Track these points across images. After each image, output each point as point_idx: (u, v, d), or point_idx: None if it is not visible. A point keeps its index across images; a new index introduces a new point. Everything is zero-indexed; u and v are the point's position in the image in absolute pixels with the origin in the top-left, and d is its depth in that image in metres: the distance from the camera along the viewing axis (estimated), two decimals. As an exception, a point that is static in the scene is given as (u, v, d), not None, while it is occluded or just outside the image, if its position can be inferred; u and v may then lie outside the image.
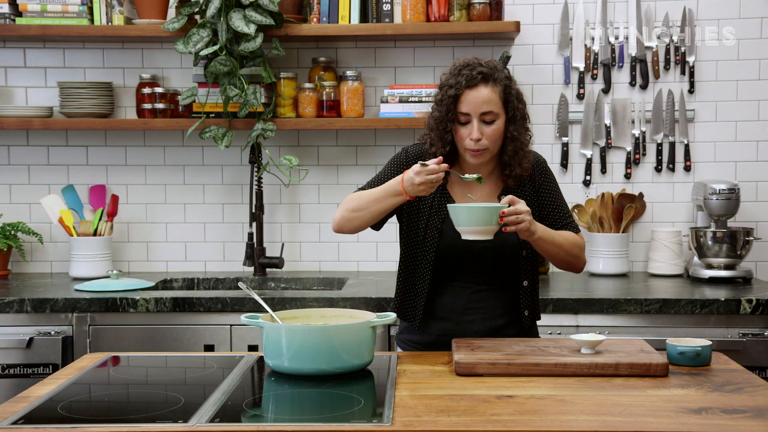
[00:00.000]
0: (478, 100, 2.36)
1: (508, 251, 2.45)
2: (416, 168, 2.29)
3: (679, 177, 3.74)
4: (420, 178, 2.28)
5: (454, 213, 2.32)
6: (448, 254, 2.45)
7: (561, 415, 1.84)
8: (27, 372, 3.14)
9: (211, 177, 3.82)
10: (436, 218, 2.46)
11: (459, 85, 2.37)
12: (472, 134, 2.37)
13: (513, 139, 2.42)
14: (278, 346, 2.13)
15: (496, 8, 3.55)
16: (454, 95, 2.38)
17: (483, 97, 2.37)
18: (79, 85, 3.65)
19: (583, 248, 2.53)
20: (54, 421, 1.83)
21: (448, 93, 2.39)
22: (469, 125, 2.38)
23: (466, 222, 2.29)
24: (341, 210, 2.47)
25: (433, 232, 2.46)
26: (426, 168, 2.28)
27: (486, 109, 2.37)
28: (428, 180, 2.29)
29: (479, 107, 2.36)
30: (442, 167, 2.29)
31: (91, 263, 3.62)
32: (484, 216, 2.28)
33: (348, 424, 1.77)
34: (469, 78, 2.37)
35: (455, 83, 2.38)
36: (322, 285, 3.64)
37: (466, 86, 2.37)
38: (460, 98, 2.38)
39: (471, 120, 2.37)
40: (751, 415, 1.84)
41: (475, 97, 2.36)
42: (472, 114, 2.37)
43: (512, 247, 2.45)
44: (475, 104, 2.36)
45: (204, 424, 1.78)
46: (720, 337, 3.05)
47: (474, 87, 2.37)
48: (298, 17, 3.58)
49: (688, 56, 3.69)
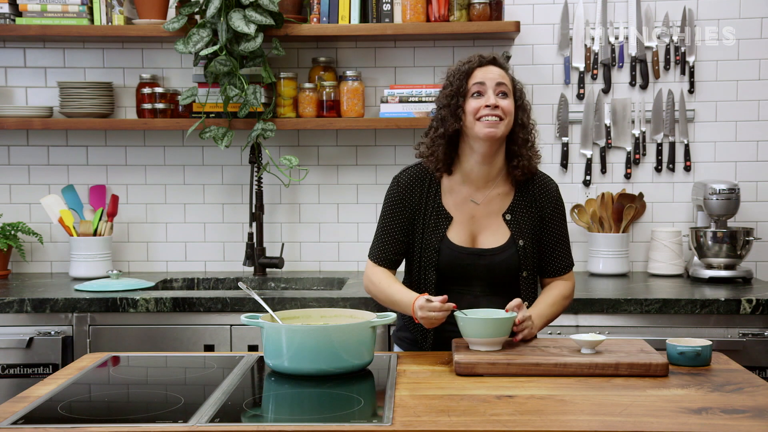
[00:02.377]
0: (492, 74, 2.40)
1: (506, 269, 2.45)
2: (421, 302, 2.28)
3: (679, 177, 3.74)
4: (422, 313, 2.29)
5: (463, 324, 2.25)
6: (449, 269, 2.46)
7: (561, 415, 1.84)
8: (27, 372, 3.14)
9: (211, 177, 3.82)
10: (434, 237, 2.46)
11: (472, 63, 2.42)
12: (489, 100, 2.37)
13: (523, 125, 2.44)
14: (278, 346, 2.13)
15: (496, 8, 3.55)
16: (467, 70, 2.41)
17: (496, 72, 2.41)
18: (79, 85, 3.65)
19: (572, 291, 2.55)
20: (54, 421, 1.83)
21: (460, 69, 2.42)
22: (483, 97, 2.38)
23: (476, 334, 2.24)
24: (366, 282, 2.53)
25: (432, 252, 2.46)
26: (428, 305, 2.27)
27: (501, 80, 2.40)
28: (428, 317, 2.28)
29: (494, 78, 2.40)
30: (447, 306, 2.26)
31: (91, 263, 3.61)
32: (497, 328, 2.23)
33: (348, 424, 1.77)
34: (481, 58, 2.43)
35: (468, 62, 2.43)
36: (322, 285, 3.64)
37: (479, 64, 2.42)
38: (473, 73, 2.41)
39: (485, 90, 2.38)
40: (751, 415, 1.84)
41: (487, 72, 2.41)
42: (488, 83, 2.39)
43: (511, 266, 2.45)
44: (491, 76, 2.40)
45: (204, 424, 1.78)
46: (720, 337, 3.05)
47: (486, 65, 2.42)
48: (298, 17, 3.58)
49: (688, 56, 3.69)
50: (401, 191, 2.49)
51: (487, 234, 2.47)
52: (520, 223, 2.47)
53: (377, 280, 2.48)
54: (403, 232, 2.48)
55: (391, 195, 2.51)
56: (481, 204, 2.47)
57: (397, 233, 2.48)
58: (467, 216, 2.47)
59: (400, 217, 2.48)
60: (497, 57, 2.44)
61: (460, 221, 2.47)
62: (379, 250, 2.50)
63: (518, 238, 2.46)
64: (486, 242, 2.46)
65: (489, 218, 2.47)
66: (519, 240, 2.45)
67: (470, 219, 2.47)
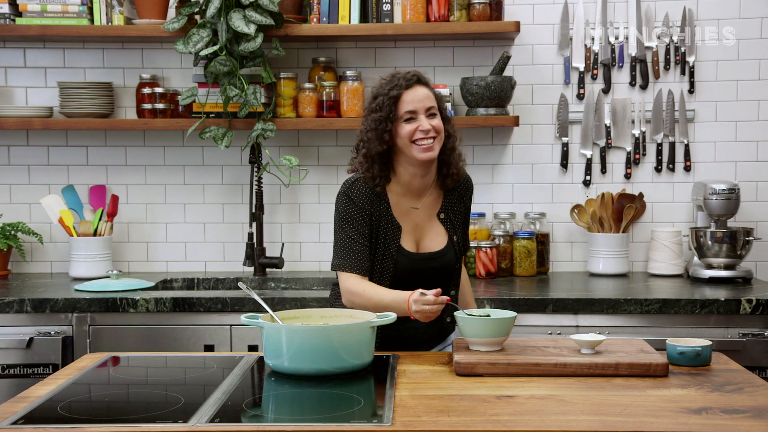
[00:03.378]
0: (420, 96, 2.48)
1: (450, 266, 2.61)
2: (415, 296, 2.32)
3: (679, 177, 3.74)
4: (416, 307, 2.32)
5: (463, 324, 2.27)
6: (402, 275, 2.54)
7: (561, 415, 1.84)
8: (27, 372, 3.14)
9: (211, 177, 3.82)
10: (391, 247, 2.53)
11: (399, 86, 2.47)
12: (422, 125, 2.45)
13: (450, 135, 2.55)
14: (278, 346, 2.14)
15: (496, 8, 3.55)
16: (395, 95, 2.46)
17: (423, 94, 2.49)
18: (79, 85, 3.65)
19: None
20: (54, 421, 1.83)
21: (389, 94, 2.47)
22: (415, 121, 2.46)
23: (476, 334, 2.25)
24: (347, 296, 2.50)
25: (388, 261, 2.52)
26: (422, 299, 2.30)
27: (429, 104, 2.48)
28: (423, 310, 2.31)
29: (423, 102, 2.47)
30: (441, 299, 2.31)
31: (91, 263, 3.61)
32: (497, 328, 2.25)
33: (348, 424, 1.77)
34: (406, 79, 2.49)
35: (394, 86, 2.48)
36: (322, 285, 3.64)
37: (405, 87, 2.47)
38: (401, 98, 2.47)
39: (417, 116, 2.46)
40: (751, 415, 1.84)
41: (416, 95, 2.47)
42: (418, 110, 2.46)
43: (452, 263, 2.60)
44: (419, 100, 2.47)
45: (204, 424, 1.78)
46: (720, 337, 3.05)
47: (412, 87, 2.48)
48: (298, 17, 3.58)
49: (688, 56, 3.69)
50: (357, 203, 2.52)
51: (429, 237, 2.59)
52: (452, 220, 2.63)
53: (360, 289, 2.47)
54: (367, 238, 2.52)
55: (347, 208, 2.53)
56: (421, 209, 2.58)
57: (364, 240, 2.51)
58: (412, 224, 2.57)
59: (363, 226, 2.51)
60: (418, 74, 2.52)
61: (406, 230, 2.56)
62: (353, 259, 2.50)
63: (453, 234, 2.61)
64: (430, 245, 2.59)
65: (429, 222, 2.60)
66: (453, 236, 2.61)
67: (414, 226, 2.57)
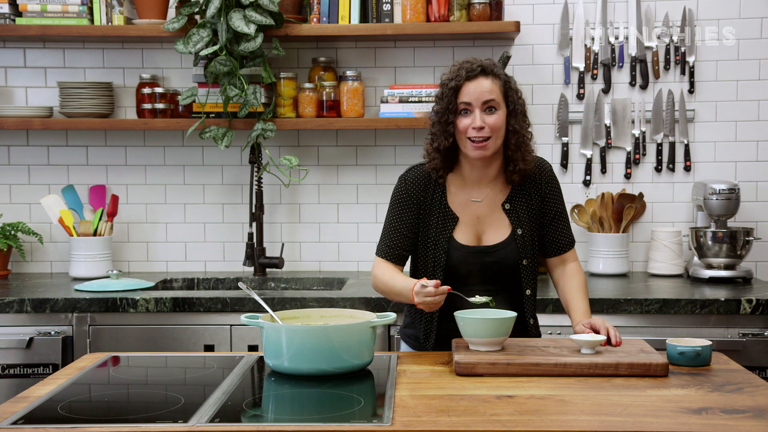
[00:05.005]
0: (479, 89, 2.39)
1: (510, 261, 2.49)
2: (416, 288, 2.28)
3: (679, 177, 3.74)
4: (418, 299, 2.28)
5: (463, 324, 2.26)
6: (456, 269, 2.48)
7: (561, 415, 1.84)
8: (27, 372, 3.14)
9: (211, 177, 3.82)
10: (441, 238, 2.48)
11: (459, 77, 2.40)
12: (475, 122, 2.38)
13: (515, 131, 2.45)
14: (278, 346, 2.13)
15: (496, 8, 3.55)
16: (454, 86, 2.40)
17: (484, 86, 2.40)
18: (79, 85, 3.65)
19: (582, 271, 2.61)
20: (54, 421, 1.83)
21: (448, 86, 2.41)
22: (471, 115, 2.39)
23: (476, 334, 2.24)
24: (373, 279, 2.53)
25: (440, 252, 2.48)
26: (423, 291, 2.26)
27: (488, 97, 2.39)
28: (425, 302, 2.27)
29: (481, 96, 2.39)
30: (441, 290, 2.26)
31: (91, 263, 3.61)
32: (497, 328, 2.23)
33: (348, 424, 1.77)
34: (469, 70, 2.41)
35: (455, 76, 2.42)
36: (322, 285, 3.64)
37: (466, 78, 2.40)
38: (461, 89, 2.40)
39: (473, 109, 2.39)
40: (751, 415, 1.84)
41: (476, 87, 2.39)
42: (474, 103, 2.39)
43: (513, 258, 2.49)
44: (477, 93, 2.39)
45: (204, 424, 1.78)
46: (720, 337, 3.05)
47: (474, 78, 2.40)
48: (298, 17, 3.58)
49: (688, 56, 3.69)
50: (408, 189, 2.51)
51: (491, 231, 2.51)
52: (518, 212, 2.51)
53: (381, 273, 2.48)
54: (411, 228, 2.50)
55: (398, 192, 2.53)
56: (483, 201, 2.50)
57: (404, 229, 2.50)
58: (472, 216, 2.50)
59: (407, 214, 2.50)
60: (485, 65, 2.42)
61: (465, 222, 2.50)
62: (387, 246, 2.52)
63: (517, 227, 2.50)
64: (490, 239, 2.50)
65: (491, 214, 2.51)
66: (518, 229, 2.50)
67: (475, 219, 2.50)
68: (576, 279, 2.55)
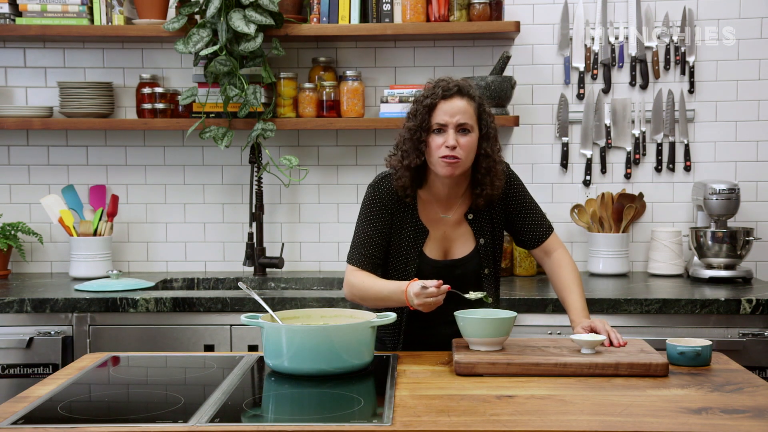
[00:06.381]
0: (454, 109, 2.39)
1: (474, 274, 2.52)
2: (416, 289, 2.28)
3: (679, 177, 3.74)
4: (419, 300, 2.29)
5: (463, 324, 2.27)
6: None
7: (561, 415, 1.84)
8: (27, 372, 3.14)
9: (211, 177, 3.82)
10: (412, 252, 2.50)
11: (435, 96, 2.40)
12: (448, 141, 2.37)
13: (486, 155, 2.45)
14: (278, 346, 2.14)
15: (496, 8, 3.55)
16: (429, 104, 2.40)
17: (458, 107, 2.39)
18: (79, 85, 3.65)
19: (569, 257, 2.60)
20: (54, 421, 1.83)
21: (423, 103, 2.41)
22: (444, 134, 2.39)
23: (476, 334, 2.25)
24: (348, 288, 2.51)
25: (411, 266, 2.50)
26: (425, 291, 2.27)
27: (462, 120, 2.39)
28: (426, 303, 2.29)
29: (455, 117, 2.39)
30: (443, 290, 2.28)
31: (91, 263, 3.61)
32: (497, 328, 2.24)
33: (348, 424, 1.77)
34: (445, 89, 2.41)
35: (431, 94, 2.42)
36: (322, 285, 3.64)
37: (442, 97, 2.40)
38: (436, 108, 2.40)
39: (446, 129, 2.39)
40: (751, 415, 1.84)
41: (450, 107, 2.39)
42: (448, 123, 2.39)
43: (476, 268, 2.52)
44: (451, 113, 2.39)
45: (204, 424, 1.78)
46: (720, 337, 3.05)
47: (449, 98, 2.40)
48: (298, 17, 3.58)
49: (688, 56, 3.69)
50: (381, 198, 2.51)
51: (457, 245, 2.53)
52: (481, 221, 2.54)
53: (359, 280, 2.48)
54: (384, 237, 2.51)
55: (371, 202, 2.52)
56: (451, 216, 2.53)
57: (379, 237, 2.50)
58: (440, 231, 2.53)
59: (381, 223, 2.50)
60: (461, 85, 2.42)
61: (435, 237, 2.52)
62: (362, 255, 2.51)
63: (479, 238, 2.53)
64: (457, 252, 2.53)
65: (457, 228, 2.53)
66: (480, 239, 2.53)
67: (443, 234, 2.53)
68: (566, 271, 2.55)
